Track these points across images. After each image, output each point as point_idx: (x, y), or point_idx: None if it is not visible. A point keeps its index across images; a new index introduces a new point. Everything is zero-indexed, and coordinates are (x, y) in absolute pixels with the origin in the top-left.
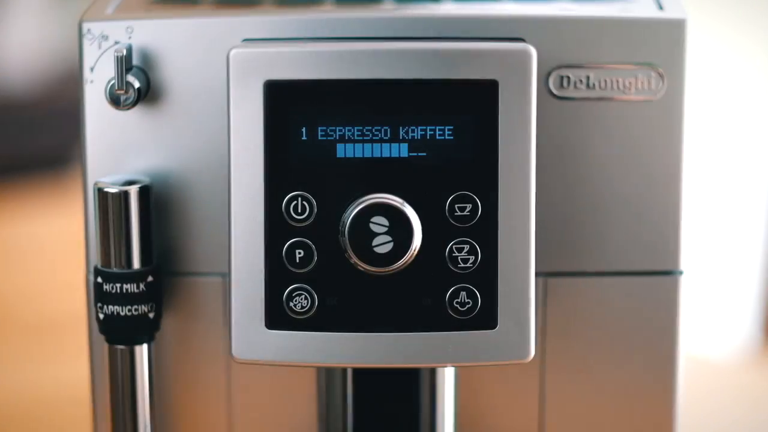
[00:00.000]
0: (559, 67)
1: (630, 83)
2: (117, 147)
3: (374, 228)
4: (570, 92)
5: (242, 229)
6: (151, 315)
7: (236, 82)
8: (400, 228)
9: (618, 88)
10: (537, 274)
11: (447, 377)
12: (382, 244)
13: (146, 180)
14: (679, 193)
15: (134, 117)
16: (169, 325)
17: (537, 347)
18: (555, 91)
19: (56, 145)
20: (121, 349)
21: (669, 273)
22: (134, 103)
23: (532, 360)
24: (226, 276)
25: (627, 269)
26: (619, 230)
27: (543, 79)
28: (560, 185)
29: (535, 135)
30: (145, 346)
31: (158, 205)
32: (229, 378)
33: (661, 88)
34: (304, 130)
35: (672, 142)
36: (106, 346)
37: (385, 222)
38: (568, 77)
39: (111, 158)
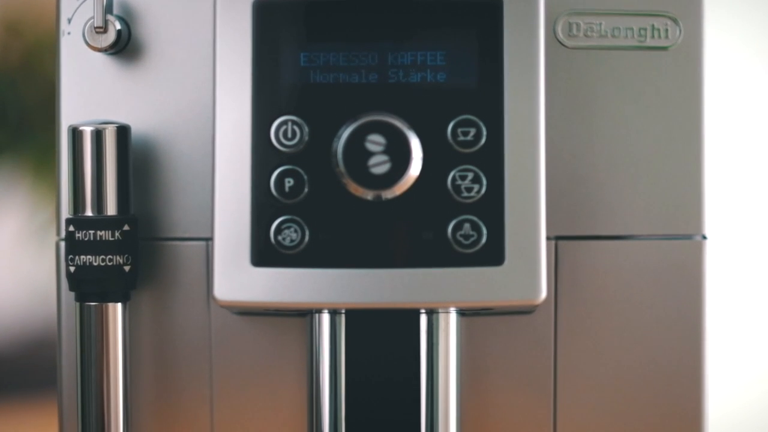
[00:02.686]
0: (569, 13)
1: (645, 31)
2: (93, 103)
3: (370, 147)
4: (580, 41)
5: (227, 158)
6: (126, 268)
7: (223, 3)
8: (397, 147)
9: (632, 36)
10: (547, 238)
11: (449, 322)
12: (379, 165)
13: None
14: (700, 149)
15: (112, 70)
16: (148, 291)
17: (548, 314)
18: (564, 40)
19: None
20: (93, 307)
21: (690, 238)
22: (113, 46)
23: (543, 323)
24: (209, 241)
25: (644, 233)
26: (635, 191)
27: (550, 26)
28: (571, 142)
29: (543, 62)
30: (119, 306)
31: (137, 166)
32: (210, 345)
33: (678, 36)
34: (294, 52)
35: (691, 95)
36: (76, 307)
37: (382, 140)
38: (578, 24)
39: (87, 114)
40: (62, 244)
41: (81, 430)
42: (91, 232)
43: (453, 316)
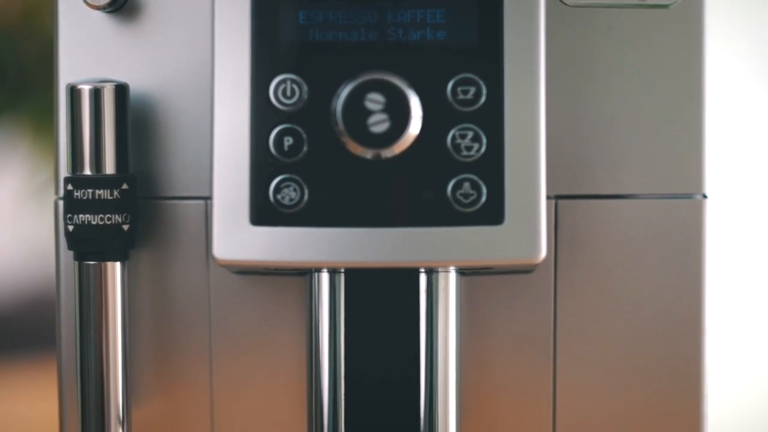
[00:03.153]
0: None
1: None
2: (92, 61)
3: (369, 106)
4: None
5: (226, 117)
6: (125, 227)
7: None
8: (397, 106)
9: None
10: (547, 197)
11: (449, 281)
12: (378, 123)
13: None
14: (701, 108)
15: (111, 29)
16: (146, 250)
17: (548, 274)
18: None
19: None
20: (92, 266)
21: (691, 197)
22: (111, 4)
23: (543, 282)
24: (208, 200)
25: (644, 192)
26: (635, 149)
27: None
28: (571, 101)
29: (543, 20)
30: (118, 265)
31: (136, 125)
32: (209, 304)
33: None
34: (293, 10)
35: (692, 54)
36: (75, 266)
37: (381, 99)
38: None
39: (85, 72)
40: (61, 203)
41: (80, 389)
42: (90, 190)
43: (452, 276)
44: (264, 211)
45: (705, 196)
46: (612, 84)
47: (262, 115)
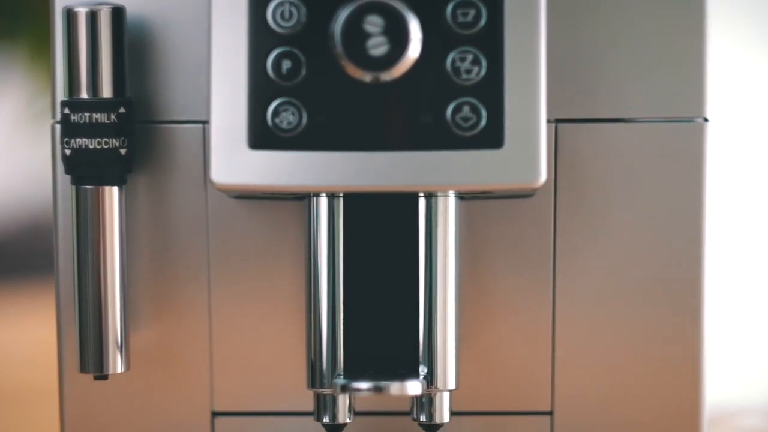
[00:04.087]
0: None
1: None
2: None
3: (368, 28)
4: None
5: (224, 40)
6: (122, 151)
7: None
8: (396, 28)
9: None
10: (547, 121)
11: (448, 206)
12: (377, 46)
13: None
14: (702, 30)
15: None
16: (144, 174)
17: (548, 198)
18: None
19: None
20: (89, 190)
21: (692, 120)
22: None
23: (543, 206)
24: (206, 124)
25: (645, 116)
26: (636, 73)
27: None
28: (572, 24)
29: None
30: (115, 190)
31: (133, 48)
32: (207, 229)
33: None
34: None
35: None
36: (72, 190)
37: (380, 21)
38: None
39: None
40: (58, 127)
41: (78, 315)
42: (87, 114)
43: (452, 200)
44: (262, 135)
45: (706, 120)
46: (613, 6)
47: (259, 38)
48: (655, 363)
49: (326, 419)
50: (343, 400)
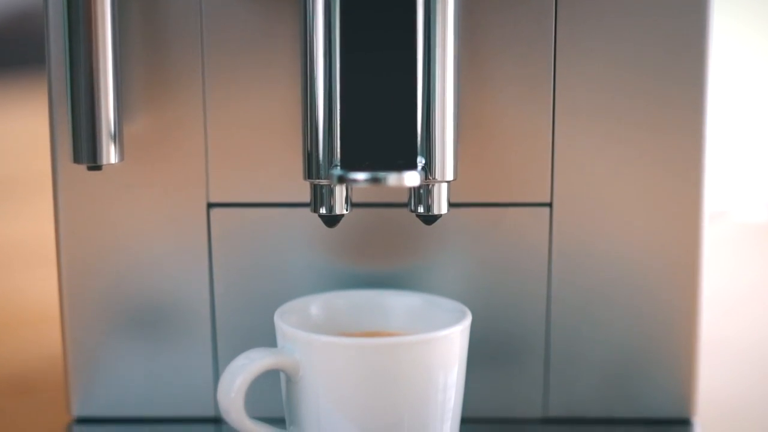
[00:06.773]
0: None
1: None
2: None
3: None
4: None
5: None
6: None
7: None
8: None
9: None
10: None
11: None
12: None
13: None
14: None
15: None
16: None
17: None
18: None
19: None
20: None
21: None
22: None
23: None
24: None
25: None
26: None
27: None
28: None
29: None
30: None
31: None
32: (201, 16)
33: None
34: None
35: None
36: None
37: None
38: None
39: None
40: None
41: (70, 105)
42: None
43: None
44: None
45: None
46: None
47: None
48: (655, 155)
49: (323, 210)
50: (340, 192)
